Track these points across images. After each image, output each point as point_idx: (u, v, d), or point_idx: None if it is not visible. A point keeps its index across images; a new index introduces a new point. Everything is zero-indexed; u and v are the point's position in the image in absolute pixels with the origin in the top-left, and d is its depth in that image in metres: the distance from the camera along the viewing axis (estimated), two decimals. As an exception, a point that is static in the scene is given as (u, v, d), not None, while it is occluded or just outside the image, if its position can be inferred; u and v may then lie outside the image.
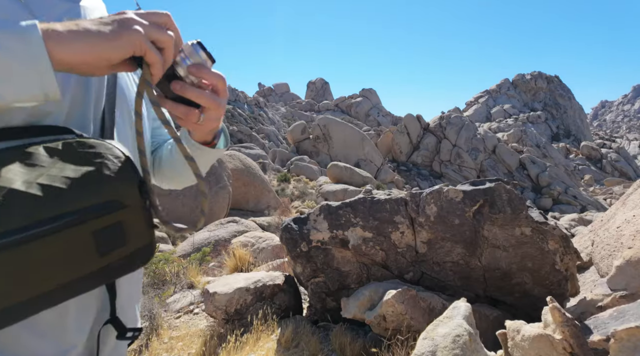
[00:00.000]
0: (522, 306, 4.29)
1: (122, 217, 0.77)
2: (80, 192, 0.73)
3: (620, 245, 4.04)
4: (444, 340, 2.59)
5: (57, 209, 0.70)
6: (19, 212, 0.68)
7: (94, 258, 0.75)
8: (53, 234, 0.70)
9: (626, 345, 2.35)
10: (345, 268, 4.64)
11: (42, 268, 0.70)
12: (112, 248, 0.77)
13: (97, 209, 0.74)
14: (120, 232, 0.78)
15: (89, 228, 0.73)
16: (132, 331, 0.97)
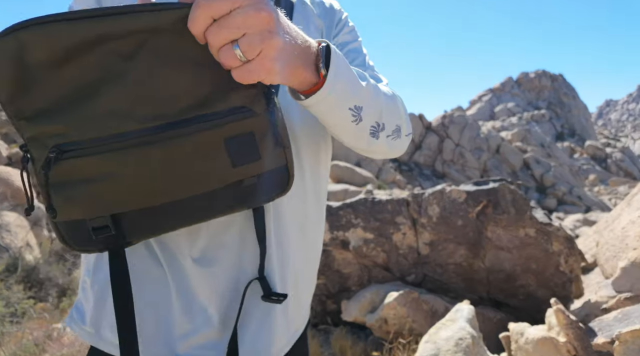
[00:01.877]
0: (526, 309, 4.25)
1: (253, 126, 0.71)
2: (214, 94, 0.68)
3: (625, 246, 3.99)
4: (447, 344, 2.56)
5: (195, 109, 0.67)
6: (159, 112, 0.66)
7: (228, 169, 0.71)
8: (189, 135, 0.67)
9: (631, 347, 2.31)
10: (346, 270, 4.61)
11: (178, 171, 0.68)
12: (245, 160, 0.71)
13: (230, 113, 0.69)
14: (252, 142, 0.71)
15: (221, 134, 0.69)
16: (276, 296, 0.90)
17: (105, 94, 0.63)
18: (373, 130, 0.88)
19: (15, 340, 4.35)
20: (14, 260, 6.24)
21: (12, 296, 5.11)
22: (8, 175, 9.57)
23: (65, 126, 0.63)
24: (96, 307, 0.92)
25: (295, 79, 0.71)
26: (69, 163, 0.64)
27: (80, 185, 0.66)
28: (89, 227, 0.69)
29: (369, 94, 0.84)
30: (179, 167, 0.68)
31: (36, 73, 0.61)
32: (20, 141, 13.30)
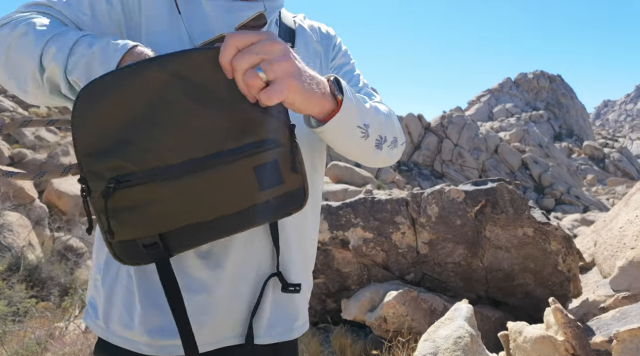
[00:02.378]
0: (524, 308, 4.27)
1: (277, 155, 0.84)
2: (246, 129, 0.81)
3: (623, 245, 4.01)
4: (446, 342, 2.57)
5: (227, 144, 0.79)
6: (200, 145, 0.78)
7: (255, 192, 0.84)
8: (225, 165, 0.79)
9: (629, 346, 2.33)
10: (346, 269, 4.62)
11: (215, 195, 0.80)
12: (270, 185, 0.84)
13: (259, 145, 0.81)
14: (276, 170, 0.84)
15: (251, 163, 0.81)
16: (292, 286, 1.04)
17: (155, 133, 0.76)
18: (377, 143, 1.03)
19: (18, 339, 4.36)
20: (16, 259, 6.24)
21: (14, 296, 5.11)
22: (10, 174, 9.56)
23: (122, 161, 0.75)
24: (106, 302, 1.00)
25: (317, 106, 0.84)
26: (124, 192, 0.76)
27: (133, 210, 0.77)
28: (139, 245, 0.81)
29: (372, 113, 1.00)
30: (216, 192, 0.81)
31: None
32: (22, 142, 13.27)
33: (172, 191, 0.78)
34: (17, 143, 16.13)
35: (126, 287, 0.98)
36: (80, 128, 0.75)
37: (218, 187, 0.80)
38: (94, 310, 1.04)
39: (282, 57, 0.75)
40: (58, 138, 18.91)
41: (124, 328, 0.97)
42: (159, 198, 0.78)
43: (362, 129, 0.96)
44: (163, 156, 0.77)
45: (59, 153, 13.98)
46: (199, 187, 0.79)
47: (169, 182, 0.77)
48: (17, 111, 21.35)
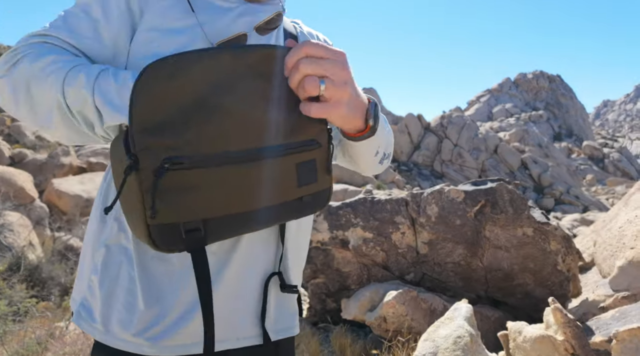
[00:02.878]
0: (524, 307, 4.27)
1: (316, 155, 0.89)
2: (297, 128, 0.85)
3: (623, 245, 4.02)
4: (445, 342, 2.57)
5: (277, 138, 0.83)
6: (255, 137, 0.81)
7: (294, 188, 0.87)
8: (274, 158, 0.82)
9: (628, 346, 2.33)
10: (346, 269, 4.63)
11: (259, 186, 0.83)
12: (307, 181, 0.89)
13: (305, 144, 0.86)
14: (314, 168, 0.89)
15: (295, 159, 0.86)
16: (291, 288, 1.07)
17: (216, 119, 0.77)
18: (381, 159, 1.15)
19: (18, 339, 4.36)
20: (16, 259, 6.24)
21: (14, 296, 5.11)
22: (11, 175, 9.56)
23: (180, 141, 0.75)
24: (104, 304, 0.97)
25: (350, 124, 0.91)
26: (177, 173, 0.75)
27: (182, 193, 0.77)
28: (181, 230, 0.79)
29: (387, 136, 1.11)
30: (262, 183, 0.83)
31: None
32: (22, 142, 13.24)
33: (224, 178, 0.79)
34: (17, 143, 16.12)
35: (127, 288, 0.96)
36: (141, 102, 0.73)
37: (265, 178, 0.83)
38: (88, 312, 1.01)
39: (345, 84, 0.82)
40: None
41: (124, 330, 0.95)
42: (210, 184, 0.78)
43: (377, 152, 1.09)
44: (220, 143, 0.78)
45: (60, 153, 13.97)
46: (249, 177, 0.81)
47: (222, 169, 0.78)
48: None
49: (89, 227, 1.08)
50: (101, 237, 1.00)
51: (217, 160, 0.77)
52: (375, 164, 1.16)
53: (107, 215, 0.97)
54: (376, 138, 0.99)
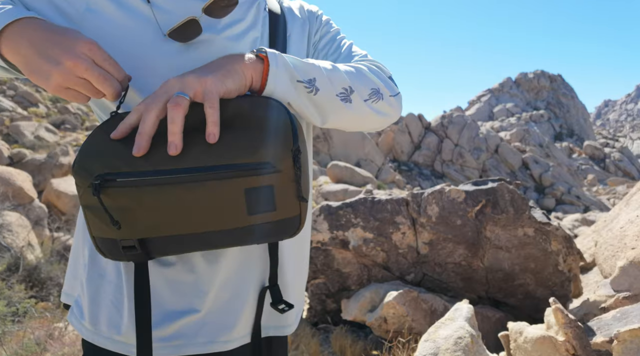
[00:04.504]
0: (525, 308, 4.26)
1: (273, 181, 0.79)
2: (240, 148, 0.78)
3: (624, 245, 4.01)
4: (446, 342, 2.57)
5: (219, 159, 0.76)
6: (192, 155, 0.76)
7: (243, 215, 0.79)
8: (212, 180, 0.76)
9: (629, 346, 2.32)
10: (346, 270, 4.62)
11: (200, 210, 0.77)
12: (260, 209, 0.80)
13: (252, 167, 0.77)
14: (270, 195, 0.80)
15: (241, 184, 0.77)
16: (284, 304, 1.02)
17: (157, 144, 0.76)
18: (343, 96, 0.96)
19: (17, 339, 4.36)
20: (15, 259, 6.24)
21: (13, 296, 5.11)
22: (9, 175, 9.57)
23: (115, 160, 0.75)
24: (92, 302, 0.96)
25: (247, 75, 0.84)
26: (109, 191, 0.74)
27: (115, 212, 0.76)
28: (118, 245, 0.79)
29: (324, 68, 0.94)
30: (203, 207, 0.78)
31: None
32: (21, 142, 13.30)
33: (158, 199, 0.76)
34: (16, 143, 16.15)
35: (115, 284, 0.95)
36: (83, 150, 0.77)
37: (205, 202, 0.77)
38: (79, 309, 1.00)
39: (183, 79, 0.79)
40: (57, 138, 18.93)
41: (112, 330, 0.94)
42: (144, 205, 0.76)
43: (304, 84, 0.91)
44: (155, 161, 0.75)
45: (59, 153, 13.98)
46: (186, 200, 0.77)
47: (156, 189, 0.75)
48: (17, 111, 21.39)
49: (78, 222, 1.07)
50: (87, 232, 0.98)
51: (149, 180, 0.75)
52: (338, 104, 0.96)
53: None
54: (282, 70, 0.87)
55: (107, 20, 0.91)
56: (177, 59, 0.93)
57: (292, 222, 0.85)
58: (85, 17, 0.91)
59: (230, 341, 1.00)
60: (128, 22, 0.92)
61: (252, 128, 0.79)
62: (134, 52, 0.91)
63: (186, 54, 0.94)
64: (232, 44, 1.00)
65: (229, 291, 0.99)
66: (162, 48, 0.93)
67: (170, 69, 0.91)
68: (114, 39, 0.91)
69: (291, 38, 1.11)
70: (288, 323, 1.12)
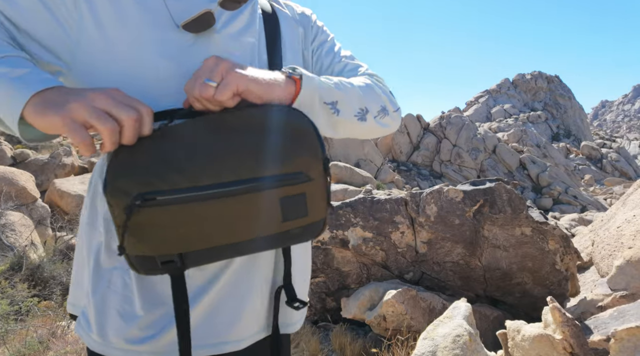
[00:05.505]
0: (522, 306, 4.29)
1: (306, 188, 0.84)
2: (275, 159, 0.81)
3: (621, 245, 4.04)
4: (444, 340, 2.59)
5: (257, 172, 0.79)
6: (229, 167, 0.78)
7: (278, 223, 0.83)
8: (251, 193, 0.79)
9: (626, 345, 2.35)
10: (345, 268, 4.64)
11: (238, 221, 0.80)
12: (294, 216, 0.84)
13: (287, 178, 0.81)
14: (303, 202, 0.84)
15: (278, 194, 0.81)
16: (299, 302, 1.04)
17: (194, 159, 0.77)
18: (359, 115, 1.06)
19: (20, 338, 4.35)
20: (18, 258, 6.23)
21: (16, 295, 5.11)
22: (13, 175, 9.54)
23: (152, 178, 0.75)
24: (98, 313, 0.94)
25: (276, 90, 0.88)
26: (150, 210, 0.75)
27: (156, 230, 0.77)
28: (157, 261, 0.80)
29: (342, 89, 1.02)
30: (241, 218, 0.81)
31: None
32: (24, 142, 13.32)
33: (198, 215, 0.77)
34: (19, 144, 16.12)
35: (121, 295, 0.93)
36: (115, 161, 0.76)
37: (243, 214, 0.80)
38: (86, 321, 0.97)
39: (219, 63, 0.82)
40: (60, 138, 18.89)
41: (122, 339, 0.92)
42: (184, 221, 0.77)
43: (329, 106, 0.98)
44: (193, 176, 0.76)
45: (61, 153, 13.97)
46: (225, 213, 0.79)
47: (196, 205, 0.77)
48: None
49: (80, 232, 1.05)
50: (92, 242, 0.97)
51: (190, 197, 0.75)
52: (354, 123, 1.06)
53: (96, 220, 0.97)
54: (311, 92, 0.93)
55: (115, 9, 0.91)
56: (181, 52, 0.94)
57: (319, 224, 0.90)
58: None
59: (243, 339, 1.01)
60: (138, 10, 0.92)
61: (283, 139, 0.82)
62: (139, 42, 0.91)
63: (190, 48, 0.95)
64: (231, 42, 1.00)
65: (239, 290, 0.99)
66: (174, 39, 0.93)
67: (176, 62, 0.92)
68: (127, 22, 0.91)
69: (285, 40, 1.12)
70: (294, 321, 1.14)
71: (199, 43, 0.95)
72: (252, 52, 1.03)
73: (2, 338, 4.29)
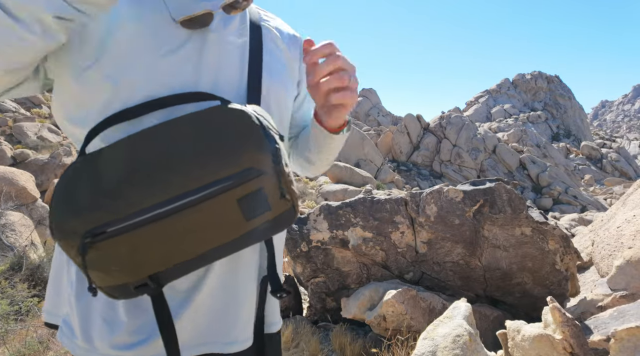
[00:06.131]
0: (522, 306, 4.29)
1: (261, 183, 0.80)
2: (220, 161, 0.78)
3: (621, 245, 4.04)
4: (444, 340, 2.59)
5: (203, 179, 0.76)
6: (174, 183, 0.76)
7: (242, 223, 0.81)
8: (204, 202, 0.76)
9: (626, 345, 2.35)
10: (345, 268, 4.64)
11: (200, 232, 0.78)
12: (257, 213, 0.81)
13: (238, 177, 0.78)
14: (262, 197, 0.81)
15: (233, 196, 0.78)
16: (283, 291, 1.01)
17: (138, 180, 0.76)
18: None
19: (20, 338, 4.36)
20: (18, 258, 6.24)
21: (16, 295, 5.12)
22: (12, 175, 9.56)
23: (99, 213, 0.73)
24: (83, 320, 0.93)
25: (342, 117, 1.05)
26: (102, 244, 0.74)
27: (116, 260, 0.76)
28: (130, 287, 0.80)
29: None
30: (201, 229, 0.79)
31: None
32: (24, 142, 13.23)
33: (154, 236, 0.76)
34: (19, 144, 16.15)
35: (104, 301, 0.92)
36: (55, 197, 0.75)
37: (202, 224, 0.78)
38: (69, 328, 0.97)
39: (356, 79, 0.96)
40: (60, 138, 18.92)
41: (108, 346, 0.91)
42: (141, 245, 0.76)
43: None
44: (138, 201, 0.74)
45: (61, 153, 13.99)
46: (182, 227, 0.77)
47: (149, 227, 0.75)
48: (20, 112, 21.33)
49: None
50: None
51: (139, 221, 0.74)
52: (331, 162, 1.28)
53: None
54: (344, 136, 1.13)
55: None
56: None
57: (289, 213, 0.87)
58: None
59: (236, 342, 1.00)
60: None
61: (224, 139, 0.79)
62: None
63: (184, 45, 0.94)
64: (223, 42, 1.00)
65: (227, 292, 0.98)
66: (171, 33, 0.93)
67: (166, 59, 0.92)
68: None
69: (267, 47, 1.10)
70: (276, 321, 1.13)
71: (193, 39, 0.95)
72: (242, 52, 1.03)
73: (2, 338, 4.29)
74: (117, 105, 0.86)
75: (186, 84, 0.91)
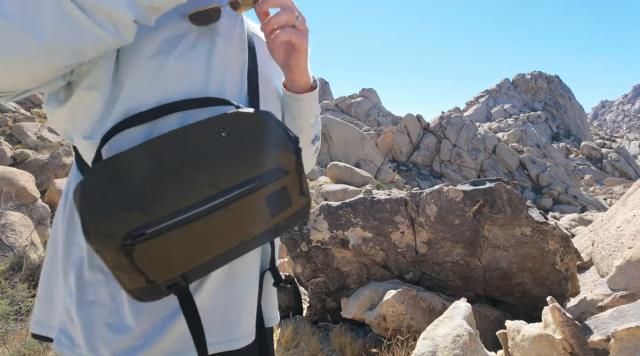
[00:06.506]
0: (522, 306, 4.29)
1: (286, 182, 0.87)
2: (251, 161, 0.83)
3: (621, 245, 4.04)
4: (444, 340, 2.59)
5: (234, 179, 0.81)
6: (205, 182, 0.79)
7: (268, 219, 0.87)
8: (235, 202, 0.80)
9: (626, 345, 2.35)
10: (345, 268, 4.64)
11: (230, 229, 0.83)
12: (281, 209, 0.88)
13: (267, 176, 0.84)
14: (286, 194, 0.88)
15: (262, 194, 0.84)
16: (282, 282, 1.09)
17: (163, 181, 0.78)
18: (314, 139, 1.23)
19: (20, 338, 4.36)
20: (18, 258, 6.23)
21: (16, 295, 5.12)
22: (13, 175, 9.55)
23: (136, 213, 0.76)
24: (85, 330, 0.91)
25: (304, 77, 1.06)
26: (142, 246, 0.76)
27: (154, 261, 0.79)
28: (162, 287, 0.82)
29: (318, 112, 1.20)
30: (230, 227, 0.84)
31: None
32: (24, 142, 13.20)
33: (192, 235, 0.79)
34: (19, 144, 16.15)
35: (109, 308, 0.91)
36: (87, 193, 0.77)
37: (233, 221, 0.83)
38: (68, 338, 0.94)
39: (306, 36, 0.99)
40: (60, 138, 18.91)
41: (114, 352, 0.89)
42: (180, 244, 0.79)
43: (316, 117, 1.17)
44: (172, 202, 0.77)
45: (61, 153, 13.99)
46: (217, 226, 0.81)
47: (187, 227, 0.78)
48: (20, 112, 21.32)
49: (50, 250, 1.03)
50: (69, 260, 0.95)
51: (180, 221, 0.77)
52: (310, 138, 1.21)
53: (75, 234, 0.95)
54: (316, 101, 1.13)
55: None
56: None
57: (305, 209, 0.94)
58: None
59: (240, 338, 1.01)
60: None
61: (252, 141, 0.84)
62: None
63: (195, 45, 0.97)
64: (229, 50, 1.01)
65: (229, 290, 0.99)
66: (176, 26, 0.94)
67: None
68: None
69: (263, 58, 1.13)
70: (274, 316, 1.17)
71: (201, 44, 0.96)
72: (243, 57, 1.05)
73: (2, 338, 4.29)
74: (130, 110, 0.88)
75: (194, 88, 0.93)
